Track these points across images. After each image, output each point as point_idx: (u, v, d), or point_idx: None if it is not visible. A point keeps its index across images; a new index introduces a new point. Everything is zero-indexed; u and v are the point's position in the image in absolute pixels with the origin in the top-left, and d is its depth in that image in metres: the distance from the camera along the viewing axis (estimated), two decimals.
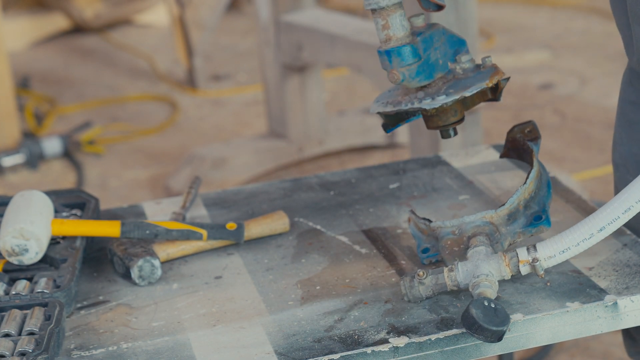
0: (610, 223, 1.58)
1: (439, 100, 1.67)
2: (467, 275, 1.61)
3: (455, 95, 1.67)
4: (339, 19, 3.98)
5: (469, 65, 1.72)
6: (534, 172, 1.72)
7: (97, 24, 6.32)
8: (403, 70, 1.67)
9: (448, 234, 1.70)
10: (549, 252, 1.60)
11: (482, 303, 1.52)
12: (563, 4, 6.17)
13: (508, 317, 1.52)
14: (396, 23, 1.67)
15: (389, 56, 1.68)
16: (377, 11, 1.67)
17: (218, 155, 4.18)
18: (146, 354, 1.57)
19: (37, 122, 4.99)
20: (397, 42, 1.67)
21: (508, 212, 1.69)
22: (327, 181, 2.11)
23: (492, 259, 1.62)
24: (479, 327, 1.49)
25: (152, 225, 1.82)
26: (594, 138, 4.35)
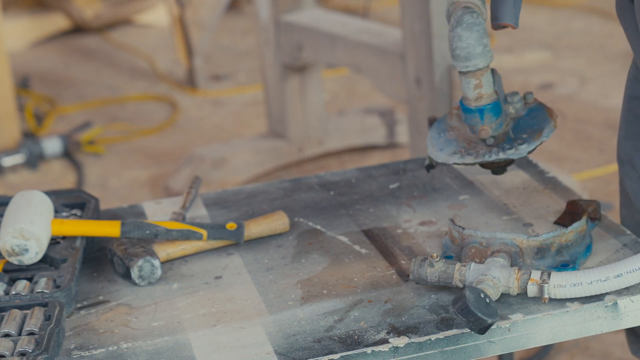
0: (629, 272, 1.56)
1: (523, 150, 1.71)
2: (476, 274, 1.61)
3: (535, 141, 1.71)
4: (339, 19, 3.98)
5: (520, 105, 1.75)
6: (578, 225, 1.71)
7: (97, 24, 6.32)
8: (492, 124, 1.69)
9: (475, 242, 1.70)
10: (560, 281, 1.59)
11: (478, 292, 1.53)
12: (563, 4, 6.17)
13: (497, 315, 1.52)
14: (487, 81, 1.68)
15: (481, 114, 1.69)
16: (472, 72, 1.67)
17: (218, 155, 4.18)
18: (146, 354, 1.57)
19: (37, 122, 4.99)
20: (487, 99, 1.68)
21: (539, 245, 1.68)
22: (327, 181, 2.11)
23: (505, 270, 1.62)
24: (467, 309, 1.50)
25: (152, 225, 1.82)
26: (594, 138, 4.35)
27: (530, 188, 2.00)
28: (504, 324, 1.57)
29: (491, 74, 1.68)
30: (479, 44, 1.64)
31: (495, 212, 1.92)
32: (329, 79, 5.27)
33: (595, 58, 5.28)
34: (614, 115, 4.54)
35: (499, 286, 1.59)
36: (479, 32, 1.64)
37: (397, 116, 4.44)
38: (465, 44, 1.64)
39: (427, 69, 3.31)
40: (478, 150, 1.72)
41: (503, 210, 1.92)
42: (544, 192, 1.98)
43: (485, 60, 1.65)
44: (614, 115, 4.54)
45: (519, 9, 1.64)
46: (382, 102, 4.70)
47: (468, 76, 1.66)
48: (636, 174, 1.82)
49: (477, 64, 1.65)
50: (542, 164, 2.11)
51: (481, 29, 1.64)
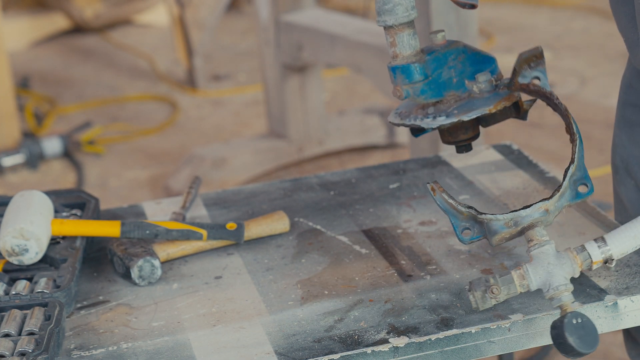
0: None
1: (438, 121, 1.67)
2: (541, 282, 1.57)
3: (454, 118, 1.66)
4: (339, 19, 3.98)
5: (485, 86, 1.70)
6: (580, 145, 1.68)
7: (97, 24, 6.32)
8: (407, 87, 1.68)
9: (502, 228, 1.65)
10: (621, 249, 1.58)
11: (572, 324, 1.48)
12: (563, 4, 6.17)
13: (595, 329, 1.49)
14: (403, 42, 1.67)
15: (394, 72, 1.68)
16: (387, 29, 1.67)
17: (218, 155, 4.18)
18: (146, 354, 1.57)
19: (37, 122, 4.99)
20: (402, 60, 1.68)
21: (560, 193, 1.67)
22: (327, 181, 2.11)
23: (564, 262, 1.58)
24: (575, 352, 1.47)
25: (152, 225, 1.82)
26: (594, 138, 4.35)
27: (530, 188, 2.00)
28: (504, 324, 1.57)
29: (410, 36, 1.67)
30: (390, 1, 1.65)
31: (495, 212, 1.92)
32: (329, 79, 5.27)
33: (595, 58, 5.28)
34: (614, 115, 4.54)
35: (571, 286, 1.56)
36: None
37: None
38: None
39: None
40: (411, 114, 1.71)
41: (503, 210, 1.92)
42: (544, 192, 1.98)
43: (395, 18, 1.65)
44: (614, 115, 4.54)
45: None
46: (382, 102, 4.70)
47: (386, 32, 1.68)
48: (632, 181, 1.81)
49: (386, 21, 1.65)
50: (542, 164, 2.11)
51: None
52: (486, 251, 1.79)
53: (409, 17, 1.66)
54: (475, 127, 1.72)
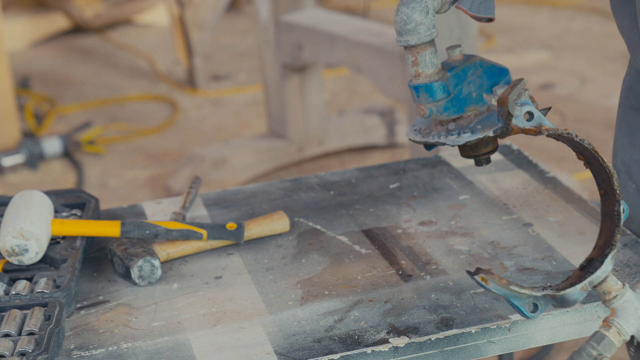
0: None
1: (464, 138, 1.68)
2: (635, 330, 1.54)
3: (479, 134, 1.67)
4: (339, 19, 3.98)
5: None
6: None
7: (97, 24, 6.32)
8: (430, 105, 1.68)
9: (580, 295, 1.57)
10: None
11: None
12: (563, 4, 6.17)
13: None
14: (425, 61, 1.67)
15: (417, 91, 1.68)
16: (408, 48, 1.67)
17: (218, 155, 4.18)
18: (146, 354, 1.57)
19: (37, 122, 4.99)
20: (425, 79, 1.68)
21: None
22: (327, 181, 2.11)
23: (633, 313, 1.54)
24: None
25: (152, 225, 1.82)
26: (594, 138, 4.35)
27: (530, 188, 2.00)
28: (504, 324, 1.57)
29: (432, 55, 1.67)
30: (411, 20, 1.64)
31: (495, 212, 1.92)
32: (329, 79, 5.27)
33: (595, 58, 5.28)
34: (614, 115, 4.54)
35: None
36: (415, 10, 1.64)
37: (397, 116, 4.45)
38: (399, 18, 1.65)
39: None
40: (432, 131, 1.71)
41: (503, 210, 1.93)
42: (544, 192, 1.98)
43: (418, 37, 1.65)
44: (614, 115, 4.54)
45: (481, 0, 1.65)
46: (382, 102, 4.70)
47: (407, 52, 1.67)
48: (633, 184, 1.81)
49: (408, 40, 1.65)
50: (542, 164, 2.11)
51: (419, 7, 1.64)
52: (486, 251, 1.79)
53: (431, 36, 1.66)
54: (495, 141, 1.73)
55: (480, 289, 1.66)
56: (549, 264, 1.72)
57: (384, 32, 3.69)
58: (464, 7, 1.65)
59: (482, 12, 1.66)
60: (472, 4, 1.65)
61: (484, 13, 1.66)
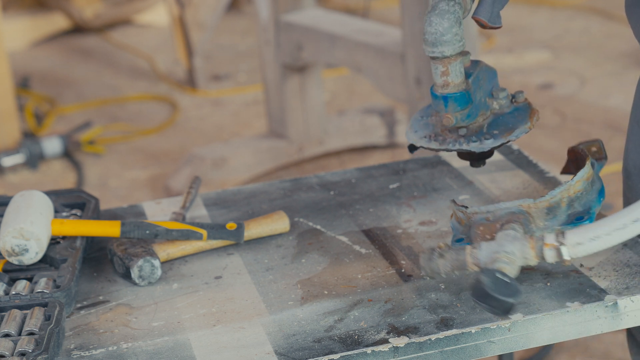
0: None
1: (488, 144, 1.70)
2: (489, 253, 1.58)
3: (502, 139, 1.70)
4: (339, 19, 3.98)
5: (505, 101, 1.74)
6: (584, 173, 1.70)
7: (97, 24, 6.32)
8: (457, 114, 1.69)
9: (482, 220, 1.68)
10: (577, 239, 1.55)
11: (494, 273, 1.49)
12: (563, 4, 6.17)
13: (519, 291, 1.48)
14: (456, 70, 1.68)
15: (445, 101, 1.69)
16: (439, 59, 1.67)
17: (218, 155, 4.18)
18: (146, 354, 1.57)
19: (37, 122, 4.99)
20: (454, 88, 1.69)
21: (548, 204, 1.66)
22: (327, 181, 2.11)
23: (518, 241, 1.59)
24: (486, 294, 1.47)
25: (152, 225, 1.82)
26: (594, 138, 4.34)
27: (531, 188, 2.00)
28: (504, 324, 1.57)
29: (461, 64, 1.68)
30: (448, 31, 1.65)
31: None
32: (329, 79, 5.27)
33: (595, 58, 5.28)
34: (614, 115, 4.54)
35: (516, 260, 1.56)
36: (450, 20, 1.65)
37: (397, 116, 4.45)
38: (434, 29, 1.65)
39: (427, 69, 3.31)
40: (447, 138, 1.72)
41: None
42: (544, 192, 1.98)
43: (453, 48, 1.66)
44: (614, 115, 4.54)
45: (498, 9, 1.68)
46: (382, 102, 4.70)
47: (436, 62, 1.68)
48: None
49: (444, 51, 1.66)
50: (542, 164, 2.11)
51: (453, 18, 1.65)
52: None
53: (464, 46, 1.67)
54: None
55: None
56: (548, 263, 1.72)
57: (384, 32, 3.69)
58: (483, 19, 1.67)
59: (497, 23, 1.69)
60: (490, 16, 1.67)
61: (497, 23, 1.69)
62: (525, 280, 1.67)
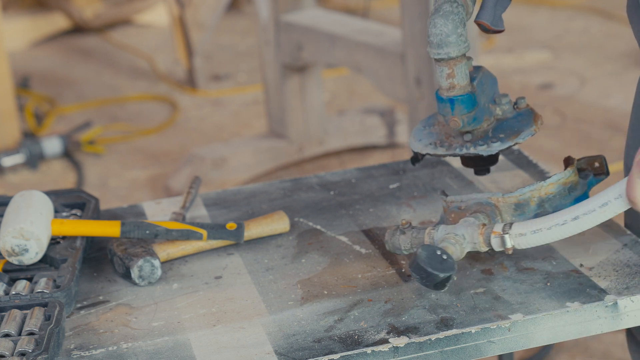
0: (585, 214, 1.56)
1: (495, 147, 1.70)
2: (443, 234, 1.64)
3: (509, 141, 1.71)
4: (339, 19, 3.98)
5: (508, 107, 1.76)
6: (560, 177, 1.71)
7: (97, 24, 6.32)
8: (463, 117, 1.69)
9: (455, 208, 1.72)
10: (521, 229, 1.60)
11: (433, 250, 1.56)
12: (563, 4, 6.17)
13: (452, 269, 1.54)
14: (461, 72, 1.68)
15: (452, 104, 1.69)
16: (444, 61, 1.68)
17: (218, 155, 4.18)
18: (146, 354, 1.57)
19: (37, 122, 4.99)
20: (460, 90, 1.69)
21: (516, 200, 1.68)
22: (327, 181, 2.11)
23: (471, 227, 1.64)
24: (417, 265, 1.54)
25: (152, 225, 1.82)
26: (594, 138, 4.35)
27: None
28: (504, 324, 1.57)
29: (466, 66, 1.69)
30: (452, 32, 1.65)
31: None
32: (329, 79, 5.27)
33: (595, 58, 5.27)
34: (614, 115, 4.54)
35: (463, 243, 1.61)
36: (455, 22, 1.66)
37: (397, 116, 4.45)
38: (438, 30, 1.66)
39: (427, 69, 3.32)
40: (452, 143, 1.73)
41: None
42: None
43: (458, 49, 1.66)
44: (614, 115, 4.54)
45: (500, 12, 1.68)
46: (382, 102, 4.70)
47: (441, 64, 1.68)
48: None
49: (449, 52, 1.66)
50: (542, 164, 2.11)
51: (457, 19, 1.66)
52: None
53: (468, 47, 1.68)
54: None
55: (481, 289, 1.66)
56: (549, 264, 1.72)
57: (384, 32, 3.69)
58: (485, 22, 1.68)
59: (500, 26, 1.70)
60: (493, 19, 1.68)
61: (500, 27, 1.70)
62: (526, 280, 1.67)
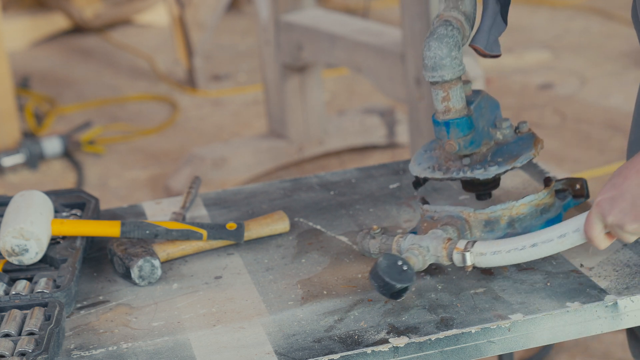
0: (544, 242, 1.60)
1: (492, 171, 1.71)
2: (409, 244, 1.66)
3: (507, 165, 1.72)
4: (339, 19, 3.98)
5: (509, 131, 1.76)
6: (532, 198, 1.72)
7: (97, 24, 6.32)
8: (459, 140, 1.69)
9: (429, 217, 1.73)
10: (482, 249, 1.62)
11: (395, 260, 1.58)
12: (563, 4, 6.17)
13: (410, 280, 1.57)
14: (456, 95, 1.69)
15: (447, 127, 1.70)
16: (439, 84, 1.68)
17: (218, 155, 4.18)
18: (146, 354, 1.57)
19: (37, 122, 4.99)
20: (456, 114, 1.69)
21: (486, 217, 1.70)
22: (327, 181, 2.11)
23: (437, 240, 1.65)
24: (376, 274, 1.56)
25: (152, 225, 1.82)
26: (594, 138, 4.35)
27: (530, 188, 2.00)
28: (504, 324, 1.57)
29: (461, 89, 1.69)
30: (447, 55, 1.66)
31: None
32: (329, 79, 5.27)
33: (595, 58, 5.27)
34: (614, 115, 4.54)
35: (426, 255, 1.63)
36: (449, 45, 1.66)
37: (397, 116, 4.45)
38: (433, 53, 1.67)
39: None
40: (450, 167, 1.73)
41: None
42: None
43: (453, 72, 1.67)
44: (614, 115, 4.54)
45: (494, 36, 1.70)
46: (382, 102, 4.70)
47: (436, 87, 1.69)
48: None
49: (444, 75, 1.67)
50: (542, 164, 2.11)
51: (452, 42, 1.67)
52: None
53: (463, 70, 1.68)
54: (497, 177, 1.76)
55: (481, 289, 1.66)
56: (548, 264, 1.72)
57: (384, 32, 3.69)
58: (479, 46, 1.69)
59: (494, 50, 1.70)
60: (487, 43, 1.69)
61: (495, 51, 1.71)
62: (526, 281, 1.67)
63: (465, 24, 1.70)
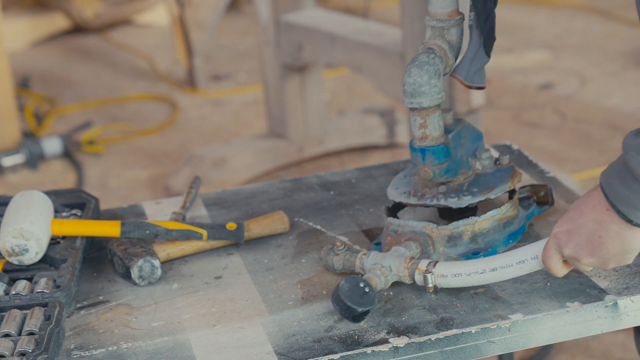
0: (503, 267, 1.60)
1: (465, 200, 1.71)
2: (372, 262, 1.66)
3: (480, 196, 1.72)
4: (339, 19, 3.98)
5: (488, 162, 1.77)
6: (495, 213, 1.73)
7: (97, 24, 6.32)
8: (435, 168, 1.70)
9: (392, 231, 1.73)
10: (443, 271, 1.63)
11: (356, 282, 1.57)
12: (563, 4, 6.17)
13: (372, 303, 1.57)
14: (434, 123, 1.70)
15: (423, 154, 1.70)
16: (417, 110, 1.69)
17: (218, 155, 4.17)
18: (146, 354, 1.57)
19: (37, 122, 4.99)
20: (432, 141, 1.70)
21: (449, 233, 1.71)
22: (327, 181, 2.11)
23: (399, 259, 1.65)
24: (337, 297, 1.56)
25: (152, 225, 1.82)
26: (594, 138, 4.35)
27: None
28: (504, 324, 1.57)
29: (439, 117, 1.70)
30: (426, 83, 1.67)
31: None
32: (329, 79, 5.27)
33: (595, 58, 5.27)
34: (614, 115, 4.54)
35: (388, 275, 1.63)
36: (429, 72, 1.67)
37: (397, 116, 4.45)
38: (412, 80, 1.68)
39: None
40: (425, 194, 1.73)
41: None
42: None
43: (431, 100, 1.68)
44: (614, 115, 4.54)
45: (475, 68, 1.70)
46: (382, 102, 4.70)
47: (414, 114, 1.70)
48: None
49: (422, 102, 1.68)
50: (542, 164, 2.11)
51: (432, 70, 1.67)
52: None
53: (442, 99, 1.69)
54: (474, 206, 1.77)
55: (481, 289, 1.66)
56: None
57: (384, 32, 3.69)
58: (459, 77, 1.71)
59: (476, 82, 1.72)
60: (467, 74, 1.71)
61: (477, 82, 1.72)
62: (526, 281, 1.67)
63: (449, 53, 1.70)
